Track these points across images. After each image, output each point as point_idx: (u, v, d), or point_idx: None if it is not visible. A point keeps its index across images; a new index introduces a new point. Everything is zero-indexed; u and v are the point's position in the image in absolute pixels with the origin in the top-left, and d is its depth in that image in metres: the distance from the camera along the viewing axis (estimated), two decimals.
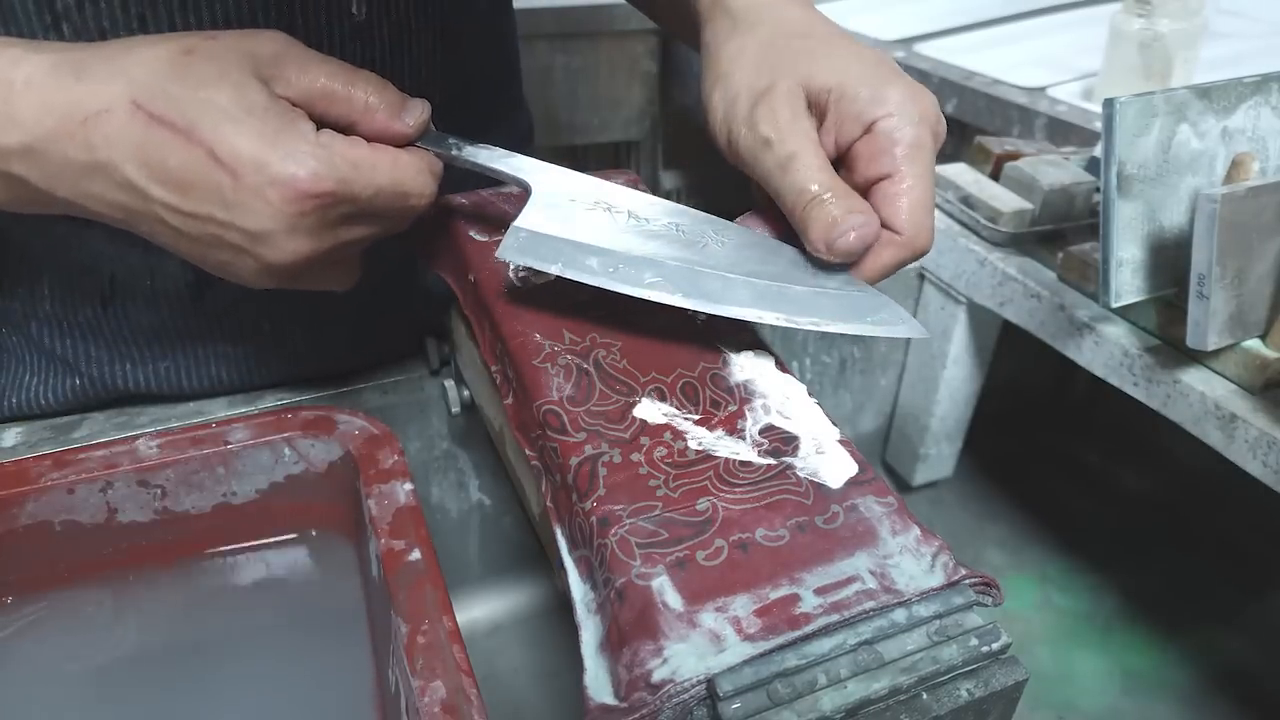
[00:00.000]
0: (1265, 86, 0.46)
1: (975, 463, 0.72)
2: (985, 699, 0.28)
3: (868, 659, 0.28)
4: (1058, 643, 0.60)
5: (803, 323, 0.35)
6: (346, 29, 0.43)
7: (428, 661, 0.32)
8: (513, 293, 0.40)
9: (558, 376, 0.36)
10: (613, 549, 0.29)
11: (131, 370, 0.49)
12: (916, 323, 0.36)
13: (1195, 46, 0.76)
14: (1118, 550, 0.66)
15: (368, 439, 0.42)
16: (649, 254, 0.36)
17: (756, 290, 0.36)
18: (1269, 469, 0.44)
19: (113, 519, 0.41)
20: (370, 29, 0.44)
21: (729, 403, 0.35)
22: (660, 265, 0.36)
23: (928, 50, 0.98)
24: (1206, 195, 0.41)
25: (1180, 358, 0.48)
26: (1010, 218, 0.58)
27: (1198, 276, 0.42)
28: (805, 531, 0.30)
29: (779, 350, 0.38)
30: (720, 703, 0.26)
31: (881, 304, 0.36)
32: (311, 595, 0.43)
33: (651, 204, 0.38)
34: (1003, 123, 0.84)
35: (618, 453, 0.33)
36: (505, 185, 0.47)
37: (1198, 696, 0.57)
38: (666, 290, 0.35)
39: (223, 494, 0.42)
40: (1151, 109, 0.44)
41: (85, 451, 0.41)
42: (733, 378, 0.36)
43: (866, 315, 0.36)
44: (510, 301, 0.40)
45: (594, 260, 0.36)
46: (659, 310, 0.36)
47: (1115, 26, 0.79)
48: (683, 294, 0.35)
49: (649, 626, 0.27)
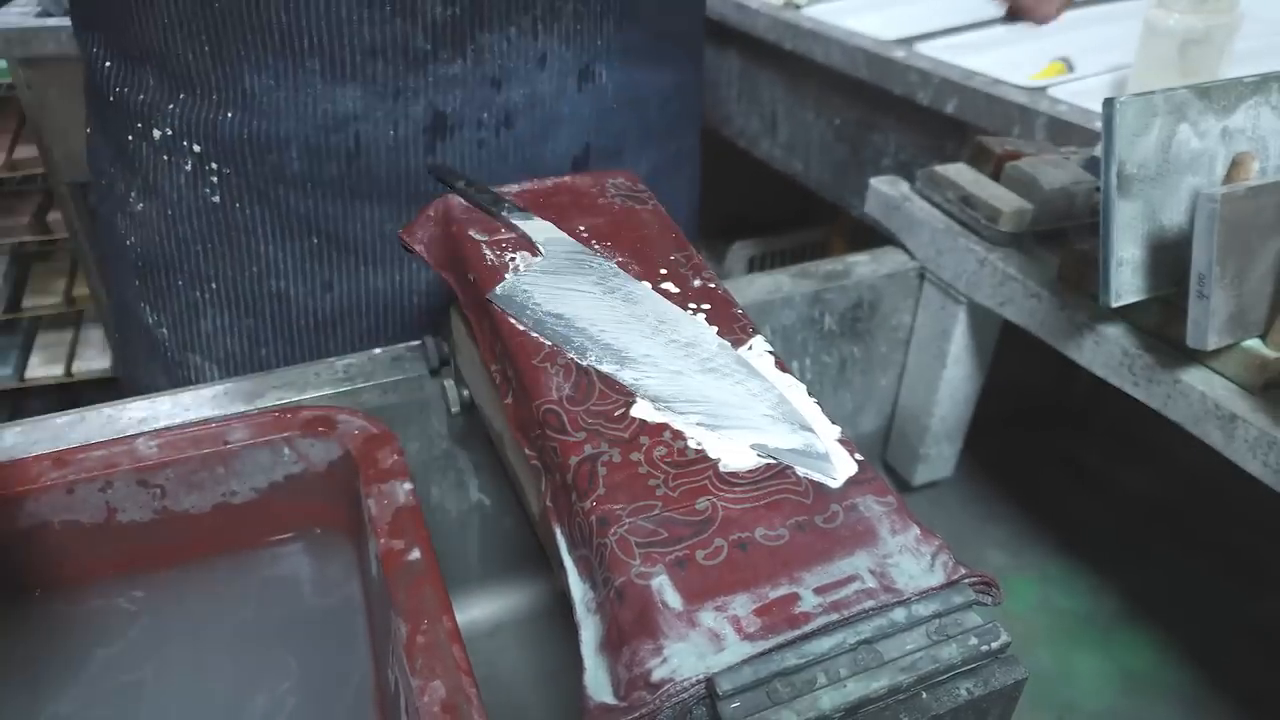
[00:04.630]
0: (1265, 86, 0.46)
1: (975, 463, 0.72)
2: (985, 698, 0.28)
3: (867, 658, 0.28)
4: (1058, 643, 0.60)
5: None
6: None
7: (427, 661, 0.32)
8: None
9: (557, 376, 0.36)
10: (612, 548, 0.29)
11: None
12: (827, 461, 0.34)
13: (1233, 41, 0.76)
14: (1118, 550, 0.66)
15: (367, 439, 0.42)
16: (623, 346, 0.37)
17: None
18: (1269, 469, 0.44)
19: (113, 519, 0.41)
20: None
21: None
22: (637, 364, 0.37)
23: (928, 50, 0.98)
24: (1206, 195, 0.41)
25: (1180, 358, 0.48)
26: (1010, 218, 0.58)
27: (1198, 276, 0.42)
28: (805, 531, 0.30)
29: (779, 350, 0.38)
30: (720, 702, 0.26)
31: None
32: (311, 595, 0.43)
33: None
34: (1003, 123, 0.84)
35: (617, 452, 0.33)
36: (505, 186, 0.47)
37: (1198, 696, 0.57)
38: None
39: (222, 494, 0.42)
40: (1151, 109, 0.44)
41: (85, 451, 0.41)
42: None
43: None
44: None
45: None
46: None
47: (1150, 22, 0.77)
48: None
49: (648, 626, 0.27)
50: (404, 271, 0.58)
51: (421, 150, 0.55)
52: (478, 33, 0.53)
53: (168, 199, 0.57)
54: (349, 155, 0.54)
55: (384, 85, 0.52)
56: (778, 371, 0.37)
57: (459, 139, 0.55)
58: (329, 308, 0.58)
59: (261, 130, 0.53)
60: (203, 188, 0.55)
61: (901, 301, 0.65)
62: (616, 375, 0.36)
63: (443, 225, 0.45)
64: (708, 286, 0.41)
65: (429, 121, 0.54)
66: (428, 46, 0.52)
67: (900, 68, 0.95)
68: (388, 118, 0.53)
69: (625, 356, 0.36)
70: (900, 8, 1.12)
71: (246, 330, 0.59)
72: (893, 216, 0.65)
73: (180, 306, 0.60)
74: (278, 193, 0.55)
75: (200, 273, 0.58)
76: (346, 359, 0.53)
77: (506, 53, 0.54)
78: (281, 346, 0.59)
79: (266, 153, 0.53)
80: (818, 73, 1.10)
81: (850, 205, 1.13)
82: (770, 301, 0.60)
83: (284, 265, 0.57)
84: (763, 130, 1.26)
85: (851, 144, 1.10)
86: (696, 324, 0.38)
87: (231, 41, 0.51)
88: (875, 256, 0.65)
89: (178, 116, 0.54)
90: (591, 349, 0.37)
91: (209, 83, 0.53)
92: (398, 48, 0.51)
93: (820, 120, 1.14)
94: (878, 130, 1.05)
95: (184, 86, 0.53)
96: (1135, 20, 0.81)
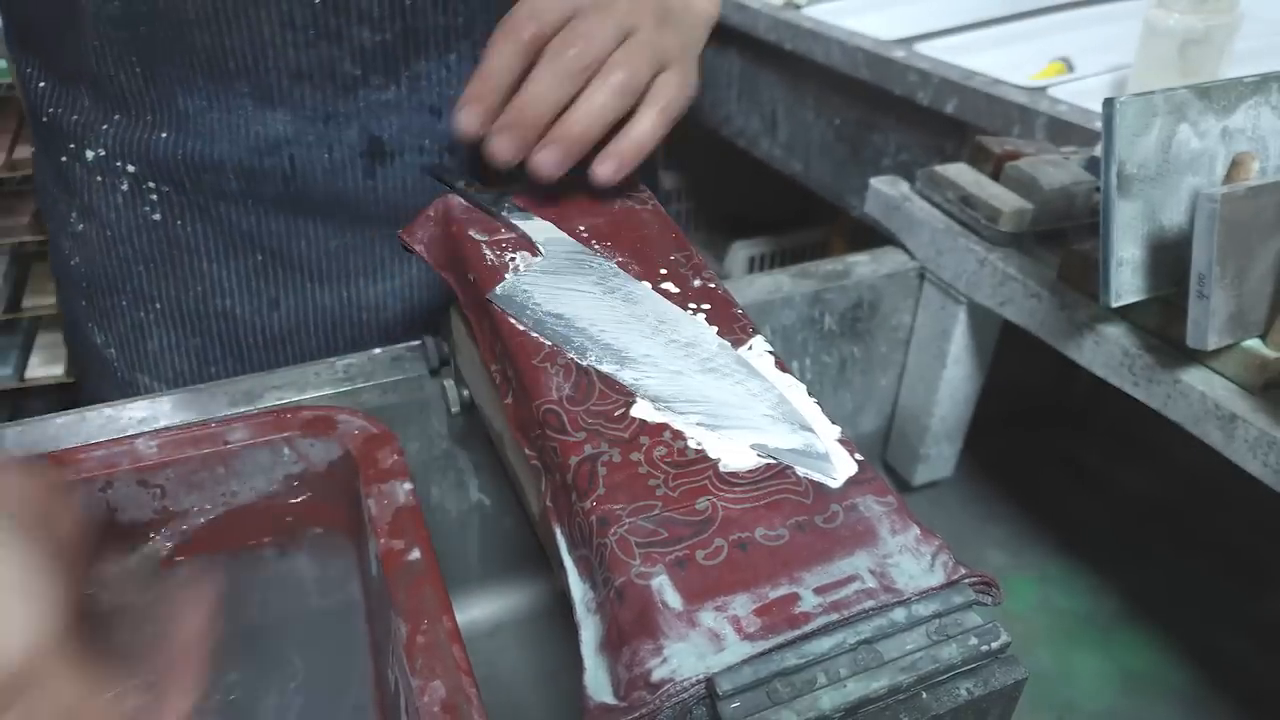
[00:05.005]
0: (1265, 86, 0.46)
1: (975, 463, 0.72)
2: (985, 698, 0.28)
3: (867, 658, 0.28)
4: (1058, 643, 0.60)
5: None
6: None
7: (427, 661, 0.32)
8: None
9: (557, 376, 0.36)
10: (612, 548, 0.29)
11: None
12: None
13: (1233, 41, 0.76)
14: (1118, 550, 0.66)
15: (367, 439, 0.42)
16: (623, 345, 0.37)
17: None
18: (1269, 469, 0.44)
19: (113, 519, 0.41)
20: None
21: None
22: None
23: (928, 50, 0.98)
24: (1206, 195, 0.41)
25: (1180, 358, 0.48)
26: (1010, 218, 0.58)
27: (1198, 276, 0.42)
28: (805, 531, 0.30)
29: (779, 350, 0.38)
30: (720, 702, 0.26)
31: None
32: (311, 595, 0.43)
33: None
34: (1003, 123, 0.84)
35: (617, 452, 0.33)
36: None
37: (1198, 696, 0.57)
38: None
39: (222, 494, 0.42)
40: (1151, 109, 0.44)
41: (85, 451, 0.41)
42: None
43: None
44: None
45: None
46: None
47: (1150, 22, 0.77)
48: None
49: (648, 626, 0.27)
50: (351, 288, 0.57)
51: (360, 174, 0.54)
52: (413, 60, 0.52)
53: (105, 220, 0.56)
54: (285, 177, 0.53)
55: (314, 110, 0.51)
56: (778, 371, 0.37)
57: (400, 164, 0.54)
58: (277, 325, 0.58)
59: (196, 151, 0.52)
60: (142, 206, 0.54)
61: (901, 301, 0.65)
62: (616, 375, 0.36)
63: (443, 225, 0.45)
64: (708, 286, 0.41)
65: (365, 146, 0.53)
66: (357, 72, 0.51)
67: (900, 68, 0.95)
68: (321, 141, 0.52)
69: (625, 356, 0.36)
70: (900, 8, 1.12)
71: (194, 349, 0.58)
72: (893, 216, 0.65)
73: (126, 327, 0.59)
74: (219, 210, 0.54)
75: (144, 292, 0.57)
76: (346, 359, 0.53)
77: (446, 80, 0.53)
78: (231, 365, 0.59)
79: (203, 172, 0.53)
80: (818, 73, 1.10)
81: (850, 205, 1.13)
82: (770, 301, 0.60)
83: (229, 283, 0.56)
84: (763, 130, 1.26)
85: (851, 144, 1.10)
86: (696, 324, 0.38)
87: (161, 63, 0.50)
88: (875, 256, 0.65)
89: (111, 137, 0.53)
90: (591, 349, 0.37)
91: (142, 104, 0.52)
92: (325, 72, 0.50)
93: (820, 120, 1.14)
94: (878, 130, 1.05)
95: (118, 107, 0.53)
96: (1135, 20, 0.81)
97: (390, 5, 0.49)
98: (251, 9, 0.48)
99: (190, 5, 0.48)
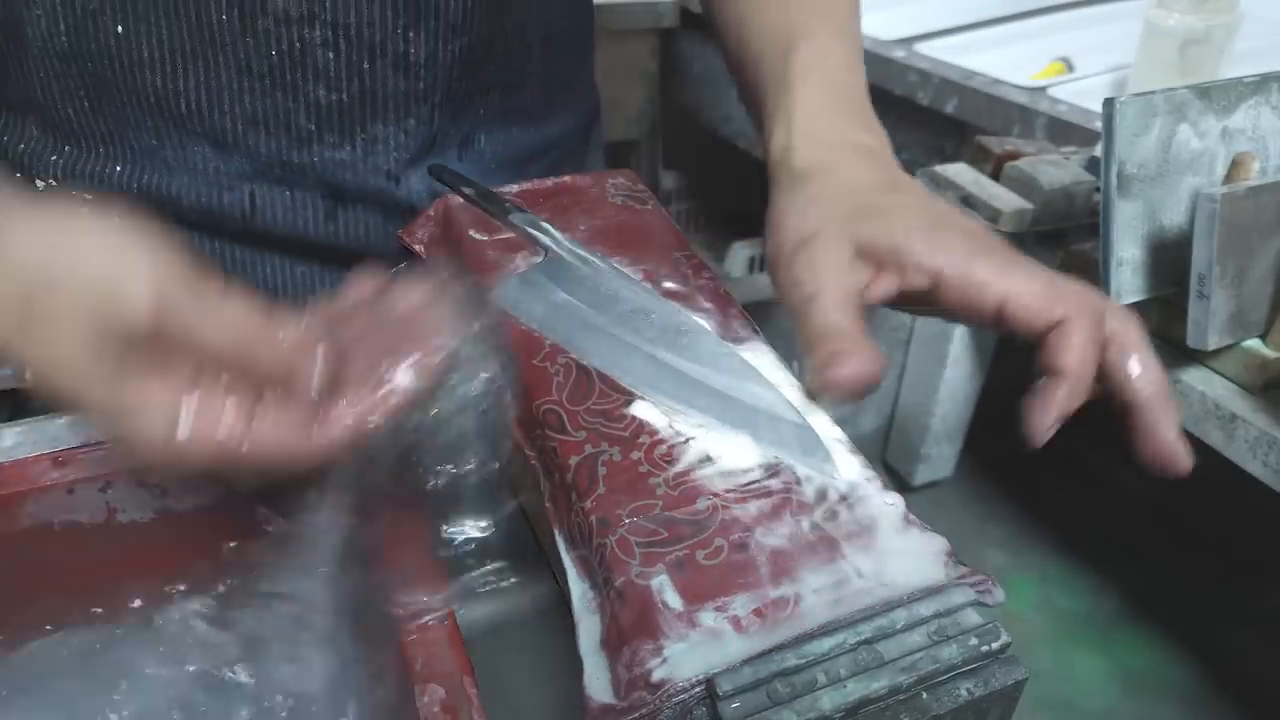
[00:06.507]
0: (1265, 86, 0.46)
1: (975, 463, 0.72)
2: (985, 698, 0.28)
3: (867, 658, 0.28)
4: (1058, 643, 0.60)
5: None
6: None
7: (427, 661, 0.32)
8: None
9: (557, 375, 0.36)
10: (612, 548, 0.29)
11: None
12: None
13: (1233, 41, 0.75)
14: (1118, 550, 0.66)
15: None
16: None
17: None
18: (1269, 469, 0.44)
19: (113, 519, 0.41)
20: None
21: None
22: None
23: (928, 50, 0.98)
24: (1206, 195, 0.41)
25: (1180, 358, 0.48)
26: (1010, 218, 0.58)
27: (1198, 276, 0.42)
28: (805, 531, 0.30)
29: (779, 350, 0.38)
30: (720, 702, 0.26)
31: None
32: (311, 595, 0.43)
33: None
34: (1003, 123, 0.84)
35: (617, 451, 0.33)
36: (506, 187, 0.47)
37: (1198, 696, 0.57)
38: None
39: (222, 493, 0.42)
40: (1151, 109, 0.44)
41: (85, 451, 0.41)
42: None
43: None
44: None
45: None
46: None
47: (1150, 22, 0.77)
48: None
49: (648, 626, 0.27)
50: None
51: (321, 215, 0.53)
52: (370, 123, 0.51)
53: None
54: (244, 214, 0.52)
55: (269, 156, 0.51)
56: (778, 371, 0.37)
57: (360, 210, 0.53)
58: None
59: (153, 184, 0.51)
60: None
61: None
62: (617, 375, 0.36)
63: (443, 225, 0.45)
64: (708, 286, 0.41)
65: (324, 191, 0.52)
66: (311, 127, 0.50)
67: (900, 67, 0.95)
68: (279, 183, 0.51)
69: (626, 356, 0.36)
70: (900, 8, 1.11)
71: None
72: None
73: None
74: (180, 235, 0.53)
75: None
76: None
77: (404, 145, 0.52)
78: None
79: (162, 204, 0.51)
80: None
81: None
82: (770, 301, 0.60)
83: None
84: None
85: None
86: (696, 324, 0.38)
87: (110, 101, 0.49)
88: None
89: (62, 168, 0.52)
90: (592, 349, 0.37)
91: (94, 136, 0.51)
92: (280, 122, 0.49)
93: None
94: None
95: (69, 139, 0.51)
96: (1135, 20, 0.81)
97: (348, 66, 0.48)
98: (209, 52, 0.47)
99: (144, 45, 0.47)
